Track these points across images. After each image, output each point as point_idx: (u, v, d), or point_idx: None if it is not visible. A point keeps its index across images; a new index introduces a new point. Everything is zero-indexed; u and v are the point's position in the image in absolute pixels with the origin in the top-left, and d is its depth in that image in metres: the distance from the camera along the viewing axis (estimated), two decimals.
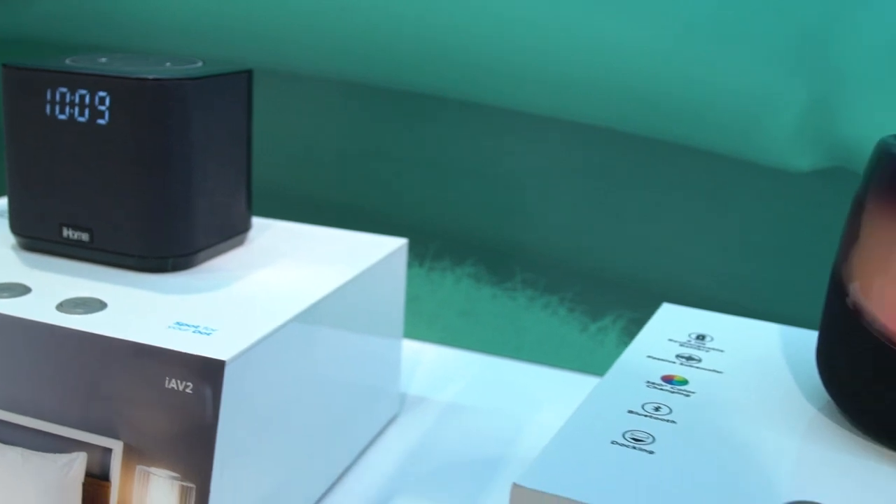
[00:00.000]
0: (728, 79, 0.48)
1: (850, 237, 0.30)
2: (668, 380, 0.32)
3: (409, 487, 0.42)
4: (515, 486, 0.26)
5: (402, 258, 0.45)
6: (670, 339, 0.36)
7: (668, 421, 0.29)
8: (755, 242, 0.50)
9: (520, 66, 0.52)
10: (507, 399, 0.51)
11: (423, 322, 0.56)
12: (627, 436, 0.28)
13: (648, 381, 0.32)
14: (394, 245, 0.44)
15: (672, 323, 0.38)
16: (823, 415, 0.31)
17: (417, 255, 0.55)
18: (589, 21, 0.50)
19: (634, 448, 0.28)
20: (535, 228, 0.53)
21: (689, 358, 0.34)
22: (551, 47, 0.51)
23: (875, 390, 0.28)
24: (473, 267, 0.54)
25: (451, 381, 0.52)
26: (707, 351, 0.35)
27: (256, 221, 0.46)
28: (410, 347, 0.55)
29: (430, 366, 0.54)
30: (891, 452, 0.28)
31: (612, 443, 0.28)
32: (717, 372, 0.33)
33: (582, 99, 0.51)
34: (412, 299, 0.55)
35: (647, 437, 0.28)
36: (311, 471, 0.40)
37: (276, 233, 0.45)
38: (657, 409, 0.30)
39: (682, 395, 0.31)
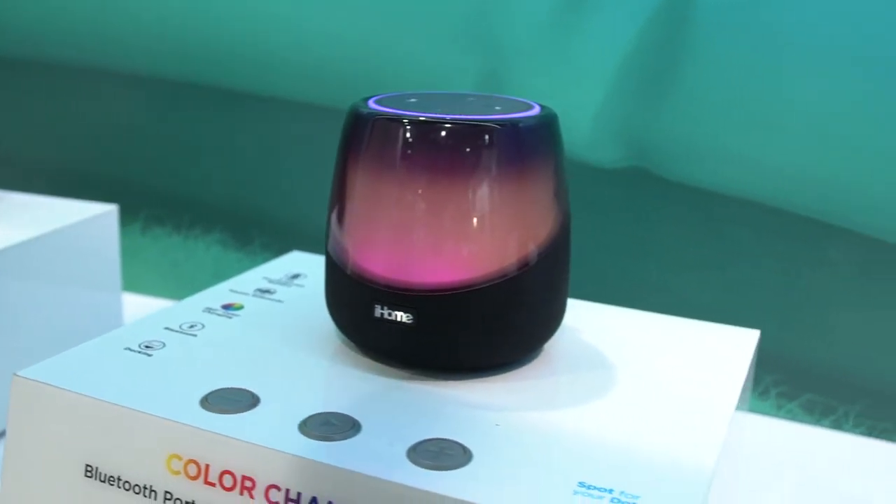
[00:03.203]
0: (413, 59, 0.54)
1: (332, 189, 0.35)
2: (226, 307, 0.39)
3: None
4: (16, 376, 0.32)
5: (113, 221, 0.52)
6: (265, 277, 0.42)
7: (190, 335, 0.36)
8: None
9: (256, 54, 0.58)
10: None
11: (183, 285, 0.62)
12: (142, 345, 0.35)
13: (208, 308, 0.38)
14: (99, 210, 0.51)
15: (285, 266, 0.44)
16: (340, 339, 0.36)
17: (175, 225, 0.62)
18: (309, 16, 0.56)
19: (139, 353, 0.34)
20: (268, 198, 0.60)
21: (266, 291, 0.41)
22: (278, 38, 0.57)
23: (346, 314, 0.34)
24: (221, 234, 0.61)
25: None
26: (289, 287, 0.41)
27: None
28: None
29: None
30: (367, 360, 0.34)
31: (126, 349, 0.34)
32: (279, 301, 0.39)
33: (306, 83, 0.57)
34: (173, 264, 0.61)
35: (159, 345, 0.35)
36: None
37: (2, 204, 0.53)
38: (192, 326, 0.36)
39: (225, 318, 0.37)
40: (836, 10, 0.47)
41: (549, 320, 0.34)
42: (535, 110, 0.34)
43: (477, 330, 0.32)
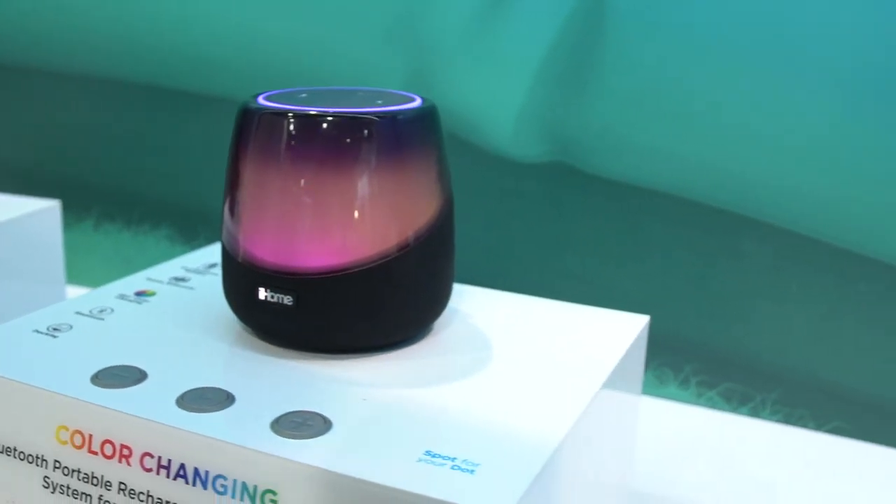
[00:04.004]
0: (346, 58, 0.56)
1: (225, 182, 0.37)
2: (139, 293, 0.40)
3: None
4: None
5: (56, 216, 0.54)
6: (183, 266, 0.44)
7: (98, 319, 0.38)
8: None
9: (200, 54, 0.60)
10: None
11: None
12: (50, 327, 0.37)
13: (121, 294, 0.40)
14: (42, 205, 0.53)
15: (205, 256, 0.46)
16: (239, 324, 0.37)
17: (126, 221, 0.64)
18: (249, 16, 0.58)
19: (45, 334, 0.36)
20: (212, 194, 0.61)
21: (181, 279, 0.42)
22: (221, 39, 0.59)
23: (237, 298, 0.36)
24: (168, 229, 0.63)
25: None
26: (203, 275, 0.43)
27: None
28: None
29: None
30: (266, 344, 0.36)
31: (34, 331, 0.36)
32: (191, 289, 0.41)
33: (247, 82, 0.59)
34: (124, 259, 0.64)
35: (66, 328, 0.36)
36: None
37: None
38: (102, 311, 0.38)
39: (135, 304, 0.39)
40: (746, 10, 0.49)
41: (430, 303, 0.36)
42: (416, 103, 0.35)
43: (354, 311, 0.34)
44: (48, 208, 0.53)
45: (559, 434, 0.30)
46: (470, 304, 0.42)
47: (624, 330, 0.39)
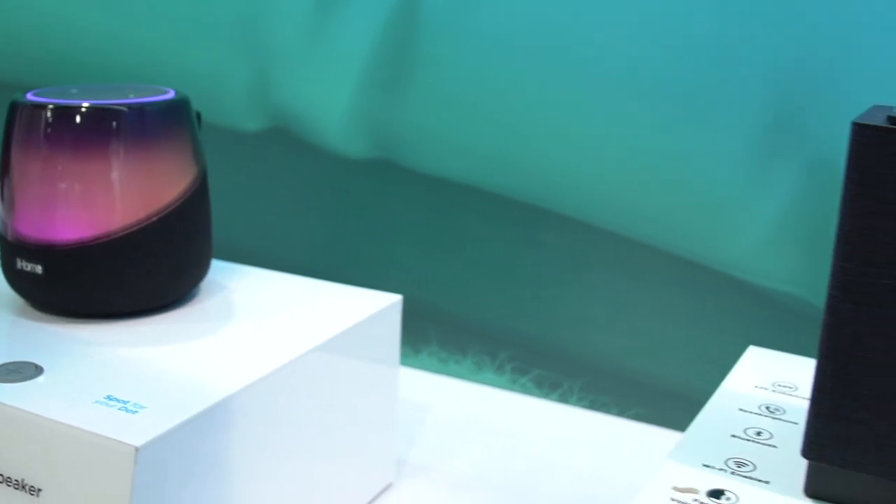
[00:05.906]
0: (192, 59, 0.61)
1: None
2: None
3: None
4: None
5: None
6: None
7: None
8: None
9: (55, 56, 0.65)
10: None
11: None
12: None
13: None
14: None
15: None
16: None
17: None
18: (101, 22, 0.63)
19: None
20: None
21: None
22: (77, 42, 0.65)
23: (6, 270, 0.40)
24: None
25: None
26: None
27: None
28: None
29: None
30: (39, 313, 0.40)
31: None
32: None
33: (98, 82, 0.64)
34: None
35: None
36: None
37: None
38: None
39: None
40: (543, 20, 0.52)
41: (176, 276, 0.41)
42: (165, 96, 0.40)
43: (95, 281, 0.39)
44: None
45: (236, 386, 0.35)
46: (241, 282, 0.46)
47: (367, 306, 0.43)
